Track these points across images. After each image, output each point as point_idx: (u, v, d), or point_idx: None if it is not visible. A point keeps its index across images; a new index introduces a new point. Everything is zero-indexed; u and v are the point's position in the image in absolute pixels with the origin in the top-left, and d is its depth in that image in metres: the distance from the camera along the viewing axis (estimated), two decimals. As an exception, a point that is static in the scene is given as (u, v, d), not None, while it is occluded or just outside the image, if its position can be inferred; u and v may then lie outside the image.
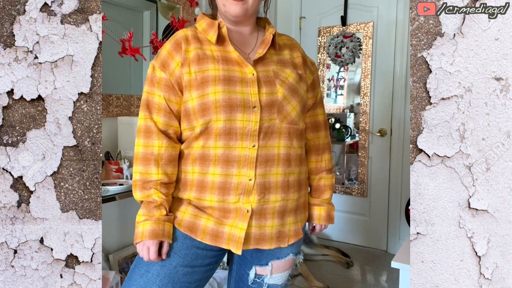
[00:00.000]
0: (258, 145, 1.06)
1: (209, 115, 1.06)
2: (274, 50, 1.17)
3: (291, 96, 1.09)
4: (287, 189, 1.12)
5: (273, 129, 1.08)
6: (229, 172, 1.07)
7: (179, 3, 2.61)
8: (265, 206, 1.09)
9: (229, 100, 1.04)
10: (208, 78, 1.07)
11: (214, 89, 1.05)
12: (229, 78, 1.07)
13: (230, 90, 1.05)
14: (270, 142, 1.08)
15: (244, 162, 1.06)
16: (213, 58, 1.10)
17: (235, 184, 1.07)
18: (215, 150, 1.07)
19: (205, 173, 1.09)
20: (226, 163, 1.07)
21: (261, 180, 1.07)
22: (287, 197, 1.12)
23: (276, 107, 1.07)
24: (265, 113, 1.06)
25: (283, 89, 1.08)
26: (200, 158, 1.09)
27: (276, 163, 1.09)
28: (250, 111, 1.05)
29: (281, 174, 1.10)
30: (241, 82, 1.07)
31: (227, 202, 1.08)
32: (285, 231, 1.14)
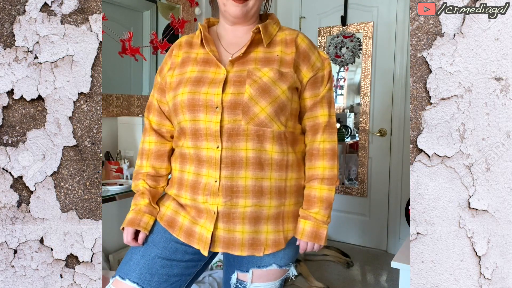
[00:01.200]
0: (221, 146, 1.05)
1: (178, 115, 1.09)
2: (262, 47, 1.12)
3: (259, 97, 1.03)
4: (260, 195, 1.08)
5: (238, 131, 1.05)
6: (200, 171, 1.08)
7: (179, 3, 2.61)
8: (233, 210, 1.07)
9: (192, 100, 1.06)
10: (183, 80, 1.10)
11: (182, 90, 1.08)
12: (199, 79, 1.08)
13: (196, 91, 1.06)
14: (236, 144, 1.05)
15: (210, 163, 1.06)
16: (195, 60, 1.13)
17: (203, 184, 1.08)
18: (188, 150, 1.10)
19: (183, 171, 1.13)
20: (198, 162, 1.09)
21: (227, 182, 1.06)
22: (260, 203, 1.08)
23: (241, 108, 1.04)
24: (227, 114, 1.04)
25: (251, 89, 1.04)
26: (180, 156, 1.13)
27: (244, 166, 1.06)
28: (212, 111, 1.04)
29: (251, 178, 1.06)
30: (210, 83, 1.07)
31: (197, 201, 1.09)
32: (261, 239, 1.10)
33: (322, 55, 1.17)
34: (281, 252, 1.14)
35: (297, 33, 1.16)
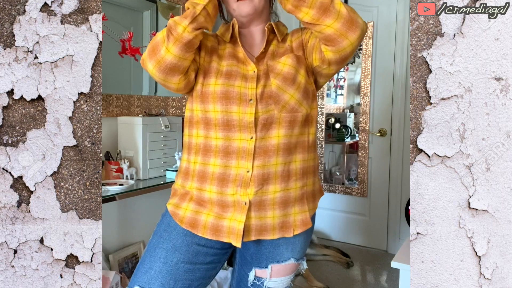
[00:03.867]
0: (256, 136, 1.08)
1: (207, 103, 1.10)
2: (276, 42, 1.20)
3: (286, 85, 1.09)
4: (287, 178, 1.12)
5: (272, 120, 1.09)
6: (228, 163, 1.10)
7: (179, 3, 2.62)
8: (264, 197, 1.10)
9: (226, 92, 1.09)
10: (212, 69, 1.13)
11: (215, 81, 1.10)
12: (230, 73, 1.12)
13: (229, 84, 1.10)
14: (269, 133, 1.10)
15: (242, 154, 1.09)
16: (222, 55, 1.16)
17: (233, 176, 1.09)
18: (216, 141, 1.11)
19: (206, 164, 1.12)
20: (226, 154, 1.10)
21: (259, 171, 1.09)
22: (287, 187, 1.12)
23: (272, 98, 1.09)
24: (261, 105, 1.09)
25: (277, 80, 1.09)
26: (203, 148, 1.13)
27: (275, 153, 1.10)
28: (246, 103, 1.08)
29: (281, 163, 1.11)
30: (241, 78, 1.11)
31: (225, 194, 1.09)
32: (290, 221, 1.14)
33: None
34: (298, 246, 1.18)
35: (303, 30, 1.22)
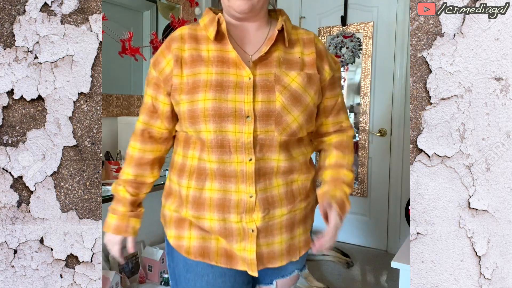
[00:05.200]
0: (255, 158, 0.97)
1: (198, 124, 0.97)
2: (283, 47, 1.03)
3: (292, 106, 0.96)
4: (293, 199, 1.03)
5: (272, 142, 0.98)
6: (227, 188, 0.98)
7: (179, 3, 2.62)
8: (271, 222, 1.00)
9: (219, 109, 0.95)
10: (200, 83, 0.98)
11: (204, 95, 0.96)
12: (221, 83, 0.96)
13: (221, 98, 0.95)
14: (268, 155, 0.98)
15: (242, 178, 0.97)
16: (208, 59, 1.00)
17: (235, 202, 0.98)
18: (210, 164, 0.99)
19: (202, 189, 1.00)
20: (223, 178, 0.98)
21: (263, 195, 0.98)
22: (294, 208, 1.03)
23: (274, 117, 0.96)
24: (260, 123, 0.96)
25: (282, 97, 0.96)
26: (197, 171, 1.01)
27: (275, 175, 1.00)
28: (242, 121, 0.95)
29: (282, 184, 1.01)
30: (235, 88, 0.96)
31: (228, 221, 0.99)
32: (295, 244, 1.06)
33: (335, 58, 1.14)
34: (300, 259, 1.10)
35: (313, 34, 1.10)
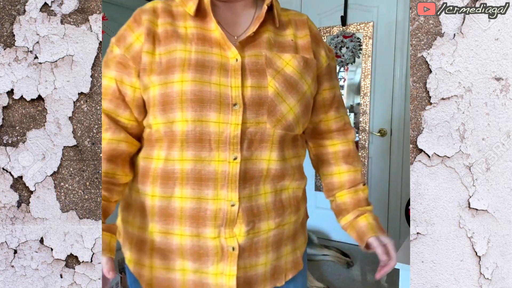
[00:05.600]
0: (241, 157, 0.79)
1: (172, 111, 0.79)
2: (273, 27, 0.88)
3: (286, 93, 0.81)
4: (282, 211, 0.86)
5: (263, 137, 0.80)
6: (203, 195, 0.80)
7: (179, 3, 2.62)
8: (256, 238, 0.82)
9: (199, 93, 0.77)
10: (175, 61, 0.80)
11: (181, 76, 0.78)
12: (203, 63, 0.79)
13: (203, 80, 0.78)
14: (257, 154, 0.81)
15: (223, 181, 0.79)
16: (186, 36, 0.83)
17: (212, 212, 0.79)
18: (181, 164, 0.80)
19: (170, 197, 0.82)
20: (198, 182, 0.80)
21: (248, 204, 0.81)
22: (282, 222, 0.86)
23: (266, 106, 0.79)
24: (250, 113, 0.79)
25: (276, 82, 0.80)
26: (162, 175, 0.83)
27: (263, 179, 0.82)
28: (229, 110, 0.78)
29: (271, 192, 0.84)
30: (219, 70, 0.79)
31: (203, 237, 0.80)
32: (281, 265, 0.88)
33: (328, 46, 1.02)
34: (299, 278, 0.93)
35: (306, 16, 0.97)
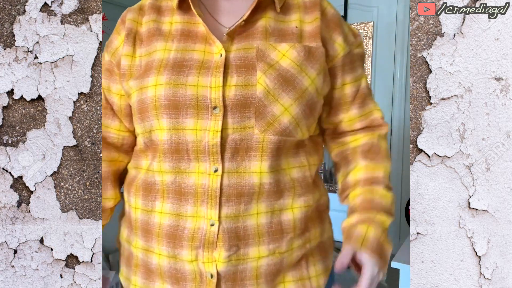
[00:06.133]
0: (223, 168, 0.69)
1: (148, 119, 0.73)
2: (273, 13, 0.75)
3: (279, 90, 0.68)
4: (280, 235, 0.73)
5: (249, 144, 0.69)
6: (182, 211, 0.72)
7: (179, 3, 2.61)
8: (241, 266, 0.71)
9: (173, 97, 0.69)
10: (153, 63, 0.74)
11: (155, 79, 0.71)
12: (181, 62, 0.71)
13: (178, 82, 0.69)
14: (245, 165, 0.70)
15: (202, 196, 0.69)
16: (168, 34, 0.76)
17: (190, 231, 0.70)
18: (161, 176, 0.73)
19: (151, 211, 0.76)
20: (178, 196, 0.72)
21: (231, 225, 0.70)
22: (280, 248, 0.73)
23: (253, 107, 0.68)
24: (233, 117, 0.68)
25: (267, 78, 0.68)
26: (144, 187, 0.77)
27: (256, 197, 0.70)
28: (207, 114, 0.68)
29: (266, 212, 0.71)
30: (198, 68, 0.70)
31: (179, 259, 0.72)
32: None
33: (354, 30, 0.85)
34: None
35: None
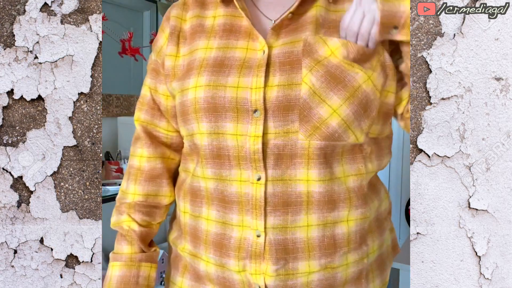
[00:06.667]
0: (266, 176, 0.64)
1: (189, 123, 0.70)
2: (325, 1, 0.69)
3: (327, 89, 0.62)
4: (333, 250, 0.68)
5: (294, 151, 0.64)
6: (227, 219, 0.68)
7: (179, 3, 2.62)
8: (291, 282, 0.66)
9: (212, 100, 0.65)
10: (194, 63, 0.70)
11: (196, 81, 0.67)
12: (222, 62, 0.67)
13: (218, 83, 0.65)
14: (290, 173, 0.65)
15: (247, 205, 0.65)
16: (211, 29, 0.71)
17: (236, 241, 0.67)
18: (205, 182, 0.70)
19: (198, 216, 0.73)
20: (222, 204, 0.69)
21: (279, 236, 0.65)
22: (332, 263, 0.68)
23: (297, 110, 0.62)
24: (275, 121, 0.63)
25: (313, 76, 0.61)
26: (191, 192, 0.74)
27: (305, 207, 0.65)
28: (247, 118, 0.64)
29: (317, 224, 0.66)
30: (240, 68, 0.65)
31: (227, 269, 0.68)
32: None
33: None
34: None
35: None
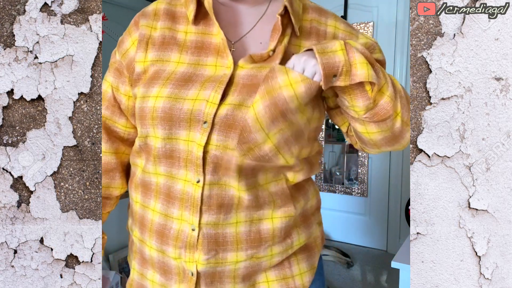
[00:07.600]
0: (204, 180, 0.71)
1: (145, 126, 0.77)
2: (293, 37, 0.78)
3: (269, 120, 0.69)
4: (258, 243, 0.76)
5: (228, 164, 0.71)
6: (170, 212, 0.76)
7: (179, 3, 2.62)
8: (220, 268, 0.76)
9: (169, 111, 0.72)
10: (162, 73, 0.77)
11: (158, 91, 0.74)
12: (189, 77, 0.74)
13: (178, 96, 0.72)
14: (225, 180, 0.73)
15: (186, 202, 0.73)
16: (183, 44, 0.78)
17: (175, 232, 0.75)
18: (156, 178, 0.78)
19: (147, 207, 0.81)
20: (167, 198, 0.77)
21: (210, 231, 0.73)
22: (257, 254, 0.77)
23: (238, 130, 0.68)
24: (218, 134, 0.70)
25: (261, 104, 0.67)
26: (142, 185, 0.82)
27: (235, 208, 0.74)
28: (198, 126, 0.70)
29: (245, 221, 0.75)
30: (203, 83, 0.72)
31: (166, 255, 0.78)
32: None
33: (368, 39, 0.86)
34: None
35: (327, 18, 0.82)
